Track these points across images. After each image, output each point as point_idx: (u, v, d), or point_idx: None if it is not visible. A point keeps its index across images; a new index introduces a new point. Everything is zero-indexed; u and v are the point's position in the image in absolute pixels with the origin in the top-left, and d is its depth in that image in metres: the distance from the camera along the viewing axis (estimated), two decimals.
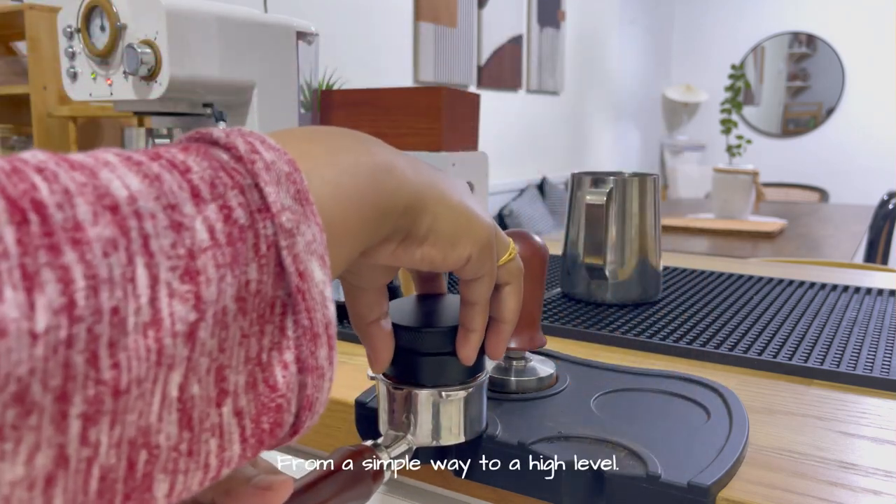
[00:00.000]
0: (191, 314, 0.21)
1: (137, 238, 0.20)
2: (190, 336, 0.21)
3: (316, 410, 0.26)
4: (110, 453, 0.20)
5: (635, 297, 0.78)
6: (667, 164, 5.39)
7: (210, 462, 0.23)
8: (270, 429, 0.25)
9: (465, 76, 3.24)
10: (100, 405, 0.19)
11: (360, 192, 0.29)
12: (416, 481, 0.52)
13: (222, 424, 0.23)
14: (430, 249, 0.33)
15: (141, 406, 0.20)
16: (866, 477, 0.42)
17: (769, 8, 5.16)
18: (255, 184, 0.24)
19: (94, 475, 0.19)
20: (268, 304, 0.24)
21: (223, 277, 0.22)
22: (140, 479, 0.21)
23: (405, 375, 0.40)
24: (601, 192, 0.75)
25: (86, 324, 0.18)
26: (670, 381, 0.52)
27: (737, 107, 2.31)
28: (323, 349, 0.25)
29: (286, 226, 0.24)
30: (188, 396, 0.21)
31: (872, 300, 0.79)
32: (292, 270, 0.24)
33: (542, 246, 0.48)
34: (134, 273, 0.20)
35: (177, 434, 0.21)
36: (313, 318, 0.25)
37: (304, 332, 0.25)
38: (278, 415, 0.25)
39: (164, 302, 0.20)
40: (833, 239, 2.12)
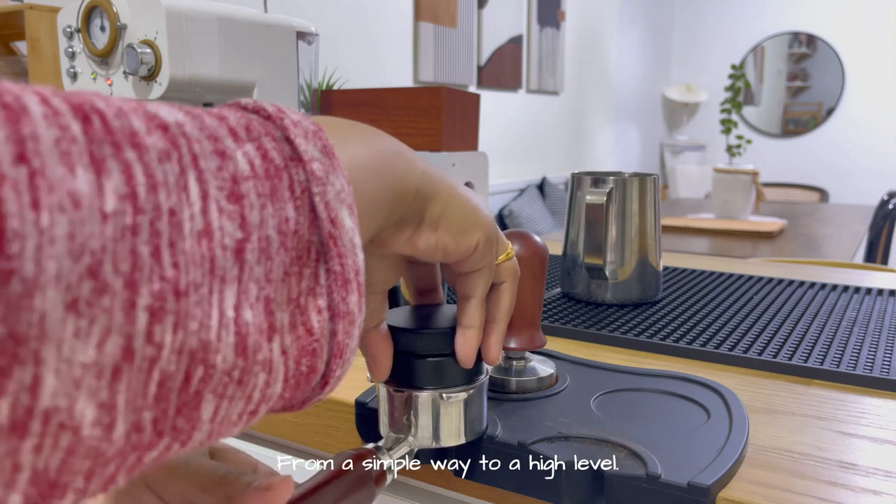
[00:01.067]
0: (237, 232, 0.22)
1: (187, 154, 0.21)
2: (238, 253, 0.22)
3: (346, 358, 0.27)
4: (171, 359, 0.20)
5: (635, 297, 0.78)
6: (667, 164, 5.39)
7: (254, 395, 0.24)
8: (307, 373, 0.26)
9: (465, 76, 3.24)
10: (163, 302, 0.20)
11: (375, 170, 0.30)
12: (416, 481, 0.52)
13: (272, 360, 0.24)
14: (443, 236, 0.35)
15: (201, 316, 0.21)
16: (866, 477, 0.42)
17: (769, 8, 5.16)
18: (286, 136, 0.25)
19: (154, 378, 0.20)
20: (304, 247, 0.25)
21: (264, 206, 0.23)
22: (192, 394, 0.21)
23: (405, 378, 0.40)
24: (601, 192, 0.75)
25: (147, 217, 0.20)
26: (670, 381, 0.52)
27: (737, 107, 2.32)
28: (353, 295, 0.26)
29: (317, 174, 0.25)
30: (243, 322, 0.22)
31: (872, 300, 0.79)
32: (324, 217, 0.25)
33: (542, 246, 0.48)
34: (186, 183, 0.21)
35: (232, 358, 0.22)
36: (345, 264, 0.26)
37: (336, 277, 0.26)
38: (313, 359, 0.26)
39: (215, 216, 0.22)
40: (833, 239, 2.12)
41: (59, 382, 0.18)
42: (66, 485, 0.19)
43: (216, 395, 0.22)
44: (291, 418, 0.56)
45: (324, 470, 0.36)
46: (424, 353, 0.39)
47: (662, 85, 5.54)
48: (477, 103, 1.06)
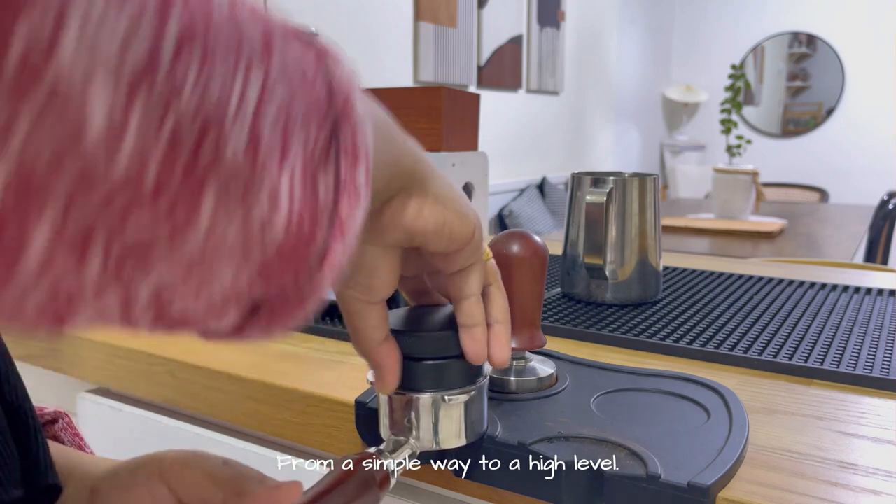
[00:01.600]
0: (260, 33, 0.22)
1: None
2: (266, 43, 0.22)
3: (347, 239, 0.25)
4: (188, 108, 0.19)
5: (635, 297, 0.78)
6: (667, 164, 5.38)
7: (253, 214, 0.22)
8: (307, 235, 0.24)
9: (465, 76, 3.24)
10: (193, 27, 0.19)
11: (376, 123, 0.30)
12: (416, 481, 0.52)
13: (278, 192, 0.23)
14: (449, 213, 0.35)
15: (223, 76, 0.20)
16: (866, 477, 0.42)
17: (769, 8, 5.16)
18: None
19: (168, 122, 0.19)
20: (322, 109, 0.24)
21: (286, 35, 0.23)
22: (199, 173, 0.20)
23: (406, 380, 0.39)
24: (601, 192, 0.75)
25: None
26: (670, 381, 0.52)
27: (737, 107, 2.31)
28: (362, 172, 0.25)
29: (330, 51, 0.25)
30: (259, 125, 0.21)
31: (872, 300, 0.79)
32: (338, 87, 0.25)
33: (542, 246, 0.48)
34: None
35: (242, 157, 0.21)
36: (356, 138, 0.25)
37: (345, 151, 0.25)
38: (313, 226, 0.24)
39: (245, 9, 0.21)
40: (833, 239, 2.12)
41: (77, 48, 0.17)
42: (49, 186, 0.17)
43: (218, 190, 0.21)
44: (291, 418, 0.56)
45: (329, 474, 0.36)
46: (425, 356, 0.39)
47: (662, 85, 5.54)
48: (477, 103, 1.06)
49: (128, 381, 0.66)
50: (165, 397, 0.64)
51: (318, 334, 0.68)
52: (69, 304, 0.19)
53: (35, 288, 0.18)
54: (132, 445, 0.68)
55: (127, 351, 0.66)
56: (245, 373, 0.59)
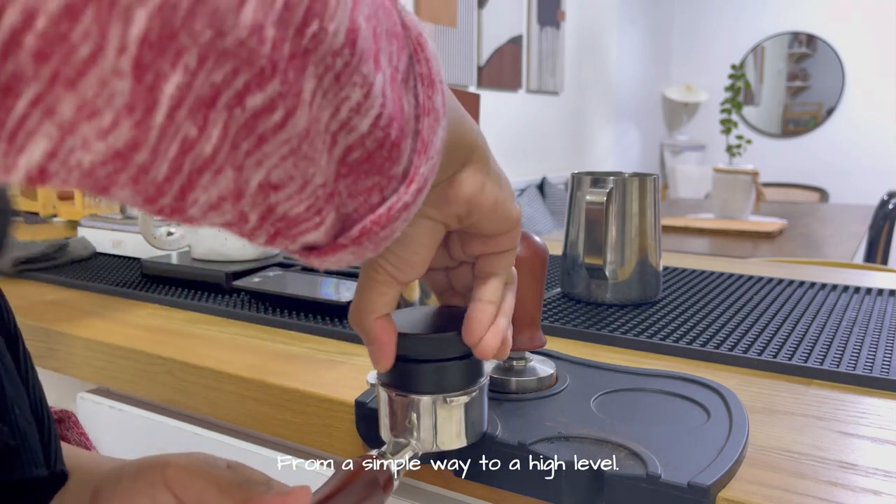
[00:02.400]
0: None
1: None
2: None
3: (430, 156, 0.27)
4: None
5: (635, 297, 0.78)
6: (667, 164, 5.38)
7: (343, 108, 0.23)
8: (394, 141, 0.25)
9: (465, 76, 3.24)
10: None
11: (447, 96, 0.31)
12: (416, 481, 0.52)
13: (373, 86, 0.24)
14: (504, 193, 0.35)
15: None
16: (866, 477, 0.42)
17: (769, 8, 5.16)
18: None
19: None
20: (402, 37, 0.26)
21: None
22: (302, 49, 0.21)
23: (406, 382, 0.39)
24: (601, 192, 0.75)
25: None
26: (670, 381, 0.52)
27: (737, 107, 2.31)
28: (438, 96, 0.27)
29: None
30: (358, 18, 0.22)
31: (872, 300, 0.79)
32: (411, 24, 0.27)
33: (542, 246, 0.48)
34: None
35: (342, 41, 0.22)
36: (431, 67, 0.27)
37: (422, 78, 0.26)
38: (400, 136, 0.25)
39: None
40: (833, 239, 2.12)
41: None
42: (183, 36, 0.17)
43: (318, 70, 0.21)
44: (291, 418, 0.56)
45: (333, 477, 0.36)
46: (426, 358, 0.39)
47: (662, 85, 5.54)
48: (477, 103, 1.06)
49: (128, 381, 0.66)
50: (165, 397, 0.64)
51: (318, 334, 0.68)
52: (190, 176, 0.20)
53: (163, 147, 0.18)
54: (132, 446, 0.68)
55: (127, 351, 0.66)
56: (245, 373, 0.59)
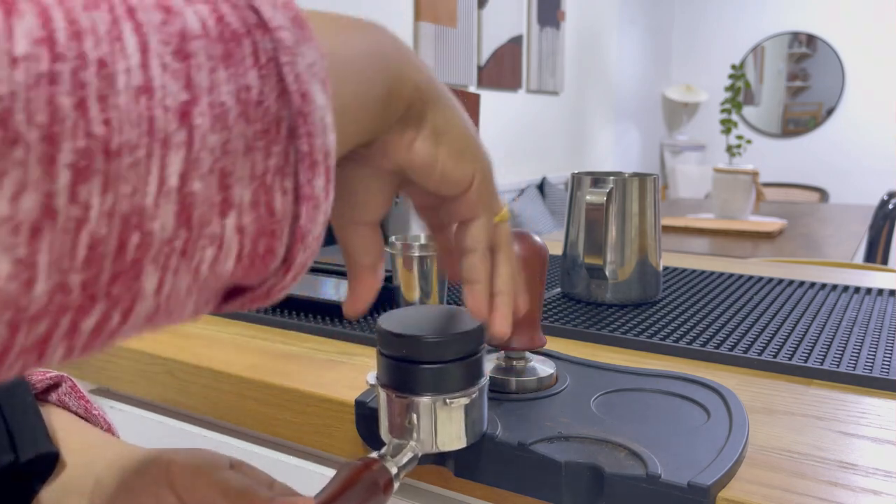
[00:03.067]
0: (182, 94, 0.20)
1: (121, 5, 0.20)
2: (184, 117, 0.21)
3: (309, 244, 0.25)
4: (101, 222, 0.19)
5: (635, 297, 0.78)
6: (667, 164, 5.38)
7: (202, 269, 0.23)
8: (264, 254, 0.24)
9: (465, 76, 3.24)
10: (90, 161, 0.19)
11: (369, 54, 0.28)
12: (416, 481, 0.52)
13: (223, 236, 0.23)
14: (443, 152, 0.33)
15: (135, 180, 0.20)
16: (866, 477, 0.42)
17: (769, 8, 5.16)
18: (249, 5, 0.23)
19: (82, 241, 0.19)
20: (273, 121, 0.23)
21: (215, 69, 0.21)
22: (130, 262, 0.20)
23: (406, 383, 0.39)
24: (601, 192, 0.75)
25: (70, 65, 0.18)
26: (670, 381, 0.52)
27: (737, 107, 2.31)
28: (321, 178, 0.25)
29: (286, 42, 0.23)
30: (189, 191, 0.21)
31: (872, 300, 0.79)
32: (294, 89, 0.23)
33: (542, 246, 0.48)
34: (120, 34, 0.19)
35: (173, 227, 0.21)
36: (313, 144, 0.24)
37: (303, 157, 0.24)
38: (272, 240, 0.24)
39: (157, 72, 0.20)
40: (833, 239, 2.12)
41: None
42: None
43: (158, 265, 0.21)
44: (291, 418, 0.56)
45: (334, 480, 0.36)
46: (427, 360, 0.39)
47: (662, 85, 5.54)
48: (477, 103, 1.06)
49: (128, 381, 0.66)
50: (165, 397, 0.64)
51: (318, 334, 0.68)
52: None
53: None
54: None
55: (127, 351, 0.66)
56: (245, 373, 0.59)
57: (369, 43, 0.29)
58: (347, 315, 0.37)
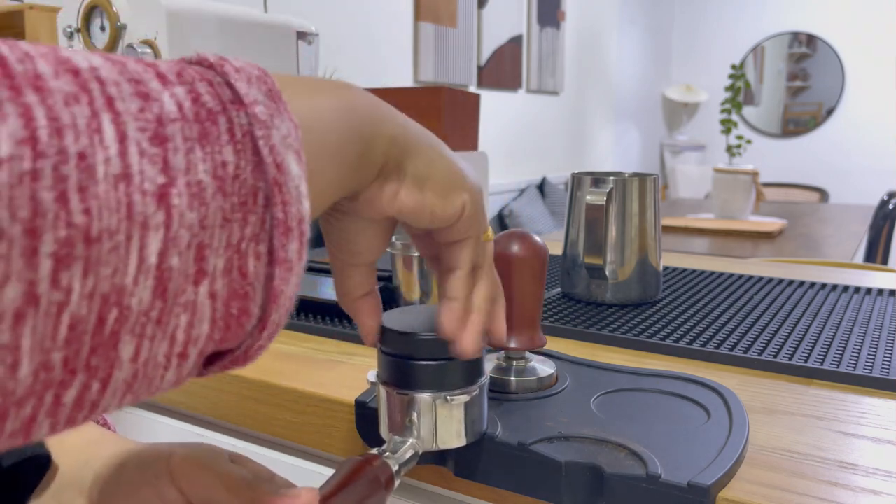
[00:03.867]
0: (159, 177, 0.21)
1: (100, 97, 0.21)
2: (161, 199, 0.21)
3: (282, 304, 0.26)
4: (82, 304, 0.20)
5: (635, 297, 0.78)
6: (667, 164, 5.38)
7: (177, 335, 0.23)
8: (238, 315, 0.25)
9: (465, 76, 3.24)
10: (71, 248, 0.19)
11: (341, 122, 0.29)
12: (416, 481, 0.52)
13: (196, 302, 0.23)
14: (430, 195, 0.34)
15: (116, 262, 0.20)
16: (866, 477, 0.42)
17: (769, 8, 5.16)
18: (226, 81, 0.25)
19: (63, 322, 0.20)
20: (250, 192, 0.24)
21: (192, 150, 0.22)
22: (108, 335, 0.21)
23: (407, 380, 0.40)
24: (601, 192, 0.75)
25: (51, 161, 0.19)
26: (670, 381, 0.52)
27: (737, 107, 2.31)
28: (294, 243, 0.26)
29: (260, 117, 0.24)
30: (166, 266, 0.22)
31: (872, 300, 0.79)
32: (269, 161, 0.24)
33: (542, 246, 0.48)
34: (100, 125, 0.20)
35: (150, 301, 0.22)
36: (288, 211, 0.25)
37: (278, 224, 0.25)
38: (245, 302, 0.25)
39: (135, 159, 0.21)
40: (833, 239, 2.12)
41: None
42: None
43: (135, 335, 0.22)
44: (291, 418, 0.56)
45: (335, 475, 0.36)
46: (426, 357, 0.39)
47: (662, 85, 5.54)
48: (477, 103, 1.06)
49: None
50: (165, 397, 0.64)
51: (318, 334, 0.68)
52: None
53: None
54: None
55: None
56: (245, 373, 0.59)
57: (342, 103, 0.30)
58: (371, 345, 0.39)
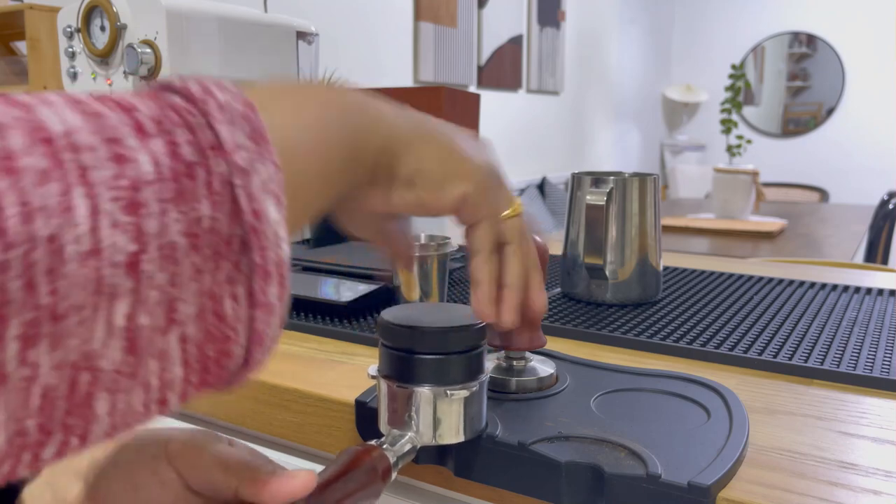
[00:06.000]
0: (130, 245, 0.21)
1: (74, 170, 0.20)
2: (132, 268, 0.21)
3: (266, 346, 0.26)
4: (52, 374, 0.20)
5: (635, 297, 0.78)
6: (667, 164, 5.38)
7: (151, 382, 0.23)
8: (217, 357, 0.25)
9: (465, 76, 3.24)
10: (37, 328, 0.19)
11: (328, 134, 0.29)
12: (416, 481, 0.52)
13: (167, 350, 0.23)
14: (422, 192, 0.33)
15: (83, 332, 0.20)
16: (866, 477, 0.42)
17: (769, 8, 5.16)
18: (208, 122, 0.24)
19: (35, 393, 0.20)
20: (224, 240, 0.24)
21: (165, 212, 0.22)
22: (82, 397, 0.21)
23: (407, 374, 0.40)
24: (601, 192, 0.75)
25: (20, 250, 0.19)
26: (670, 381, 0.52)
27: (737, 107, 2.31)
28: (273, 287, 0.25)
29: (240, 164, 0.24)
30: (136, 326, 0.22)
31: (872, 300, 0.79)
32: (247, 209, 0.24)
33: (543, 246, 0.48)
34: (71, 203, 0.20)
35: (121, 359, 0.22)
36: (266, 256, 0.25)
37: (257, 268, 0.25)
38: (225, 345, 0.25)
39: (106, 232, 0.20)
40: (833, 239, 2.12)
41: None
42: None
43: (109, 391, 0.22)
44: (291, 418, 0.56)
45: (333, 464, 0.37)
46: (427, 351, 0.39)
47: (662, 85, 5.54)
48: (477, 103, 1.06)
49: None
50: None
51: (318, 334, 0.68)
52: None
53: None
54: None
55: None
56: None
57: (329, 114, 0.30)
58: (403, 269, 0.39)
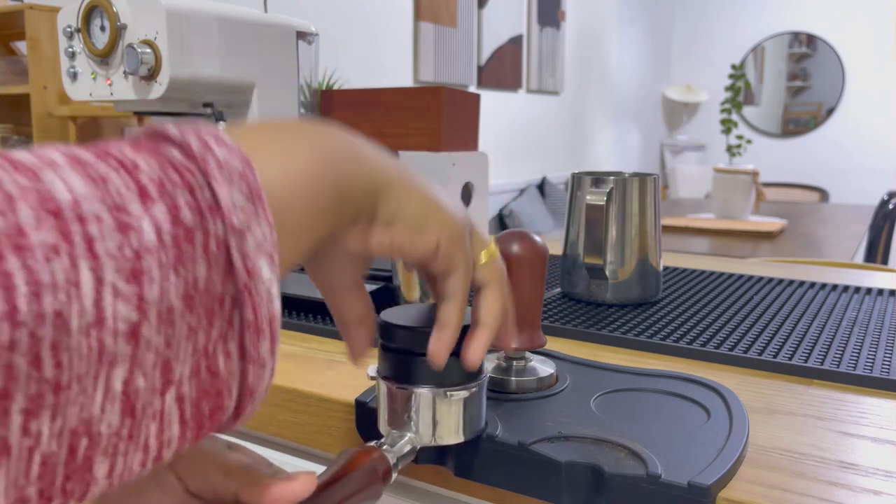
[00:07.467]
0: (132, 314, 0.21)
1: (81, 242, 0.20)
2: (132, 335, 0.22)
3: (257, 398, 0.27)
4: (52, 442, 0.20)
5: (635, 297, 0.78)
6: (667, 164, 5.38)
7: (150, 443, 0.24)
8: (211, 412, 0.26)
9: (465, 76, 3.24)
10: (41, 400, 0.20)
11: (316, 178, 0.30)
12: (416, 481, 0.52)
13: (163, 410, 0.24)
14: (398, 235, 0.34)
15: (83, 399, 0.21)
16: (866, 477, 0.42)
17: (769, 8, 5.16)
18: (208, 183, 0.24)
19: (35, 461, 0.20)
20: (216, 299, 0.25)
21: (166, 277, 0.22)
22: (81, 461, 0.21)
23: (406, 375, 0.40)
24: (601, 192, 0.75)
25: (28, 328, 0.19)
26: (670, 381, 0.52)
27: (737, 107, 2.31)
28: (265, 343, 0.26)
29: (236, 226, 0.25)
30: (133, 389, 0.22)
31: (872, 300, 0.79)
32: (241, 268, 0.25)
33: (542, 246, 0.48)
34: (78, 277, 0.20)
35: (119, 422, 0.22)
36: (258, 313, 0.25)
37: (249, 325, 0.25)
38: (219, 399, 0.26)
39: (109, 302, 0.21)
40: (833, 239, 2.12)
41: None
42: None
43: (107, 454, 0.22)
44: (291, 418, 0.56)
45: (333, 465, 0.37)
46: (426, 352, 0.39)
47: (662, 85, 5.54)
48: (477, 103, 1.06)
49: None
50: None
51: (318, 334, 0.68)
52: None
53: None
54: None
55: None
56: None
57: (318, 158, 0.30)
58: (354, 362, 0.39)
